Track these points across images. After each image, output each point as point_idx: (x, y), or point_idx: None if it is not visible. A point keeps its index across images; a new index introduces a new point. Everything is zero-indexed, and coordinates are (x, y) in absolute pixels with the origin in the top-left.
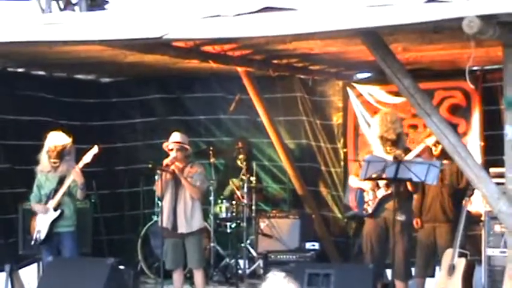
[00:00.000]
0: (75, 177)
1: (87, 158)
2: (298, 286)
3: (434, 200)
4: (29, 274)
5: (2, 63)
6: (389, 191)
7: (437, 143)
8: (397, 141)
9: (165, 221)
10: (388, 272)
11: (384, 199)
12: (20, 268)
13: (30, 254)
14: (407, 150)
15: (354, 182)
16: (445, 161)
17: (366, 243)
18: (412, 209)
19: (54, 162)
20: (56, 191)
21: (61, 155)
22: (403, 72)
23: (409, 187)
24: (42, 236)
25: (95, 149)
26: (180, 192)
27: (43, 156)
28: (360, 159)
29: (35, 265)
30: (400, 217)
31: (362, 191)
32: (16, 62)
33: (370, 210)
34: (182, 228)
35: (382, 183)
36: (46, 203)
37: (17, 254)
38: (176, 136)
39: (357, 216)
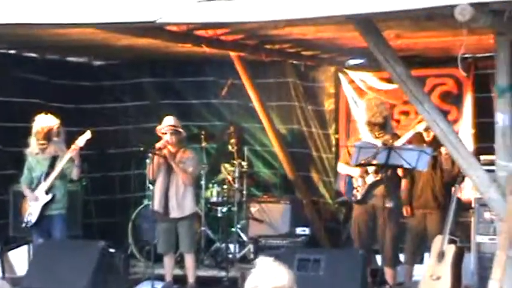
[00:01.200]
0: (73, 155)
1: (80, 142)
2: (287, 269)
3: (425, 187)
4: (19, 256)
5: None
6: (378, 177)
7: (429, 129)
8: (385, 125)
9: (157, 205)
10: (378, 258)
11: (373, 185)
12: (10, 250)
13: (21, 236)
14: (395, 136)
15: (342, 168)
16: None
17: (354, 229)
18: (400, 196)
19: (42, 144)
20: (47, 174)
21: (48, 136)
22: (395, 59)
23: (400, 172)
24: (33, 219)
25: (87, 134)
26: (172, 176)
27: (32, 139)
28: (348, 145)
29: (25, 247)
30: (389, 204)
31: (351, 177)
32: (8, 43)
33: (359, 197)
34: (174, 213)
35: (371, 169)
36: (37, 186)
37: (7, 236)
38: (170, 120)
39: (347, 202)
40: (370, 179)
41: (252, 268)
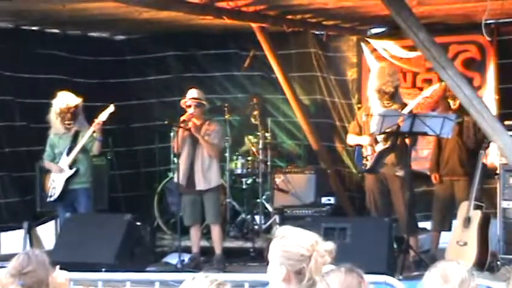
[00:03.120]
0: (96, 129)
1: (103, 116)
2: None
3: (452, 154)
4: (47, 231)
5: (15, 21)
6: (387, 145)
7: (455, 97)
8: (394, 95)
9: (181, 178)
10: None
11: (382, 153)
12: (38, 225)
13: (48, 212)
14: (404, 105)
15: (351, 139)
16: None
17: (369, 198)
18: (410, 163)
19: (69, 124)
20: (70, 148)
21: (74, 115)
22: (418, 25)
23: (407, 140)
24: (57, 193)
25: (111, 108)
26: (197, 149)
27: (54, 119)
28: (357, 117)
29: (52, 222)
30: (399, 172)
31: (360, 147)
32: (29, 20)
33: (368, 165)
34: (200, 185)
35: (380, 137)
36: (59, 161)
37: (34, 212)
38: (193, 92)
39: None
40: (380, 147)
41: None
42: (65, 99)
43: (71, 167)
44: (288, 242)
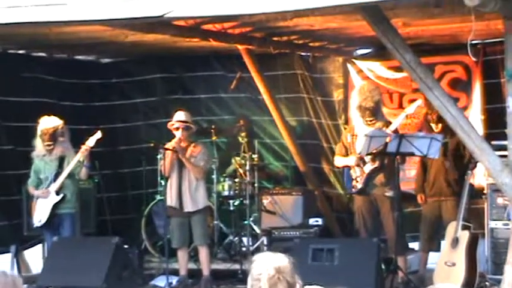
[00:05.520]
0: (83, 155)
1: (91, 142)
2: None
3: (438, 174)
4: (34, 255)
5: (2, 44)
6: (375, 165)
7: (438, 121)
8: (375, 111)
9: (172, 200)
10: None
11: (371, 173)
12: (25, 249)
13: (35, 236)
14: (388, 123)
15: (338, 161)
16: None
17: (358, 219)
18: (399, 183)
19: (48, 145)
20: (57, 174)
21: (53, 136)
22: (404, 46)
23: (398, 159)
24: (44, 219)
25: (98, 134)
26: (183, 171)
27: (37, 141)
28: (343, 138)
29: (39, 246)
30: (388, 193)
31: (349, 168)
32: (16, 44)
33: (359, 187)
34: (188, 207)
35: (368, 157)
36: (48, 187)
37: (21, 235)
38: (181, 115)
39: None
40: (368, 167)
41: (253, 263)
42: (44, 122)
43: (57, 193)
44: (253, 264)
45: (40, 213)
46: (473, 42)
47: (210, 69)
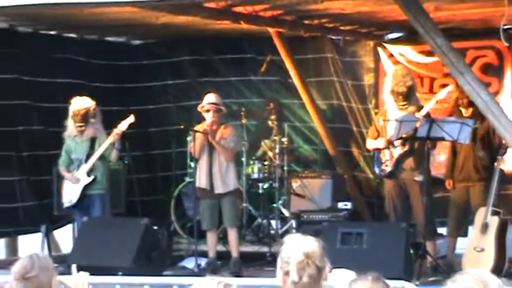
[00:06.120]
0: (115, 138)
1: (123, 126)
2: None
3: (466, 160)
4: (64, 235)
5: (34, 25)
6: (405, 149)
7: (468, 106)
8: (408, 95)
9: (204, 182)
10: None
11: (401, 158)
12: (55, 229)
13: (65, 215)
14: (420, 108)
15: (369, 144)
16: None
17: (388, 203)
18: (429, 167)
19: (80, 126)
20: (88, 156)
21: (85, 118)
22: (436, 31)
23: (428, 144)
24: (74, 200)
25: (131, 118)
26: (214, 153)
27: (69, 122)
28: (375, 122)
29: (69, 226)
30: (418, 177)
31: (379, 152)
32: (47, 24)
33: (388, 170)
34: (219, 189)
35: (398, 142)
36: (79, 168)
37: (51, 215)
38: (211, 97)
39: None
40: (398, 151)
41: (283, 244)
42: (76, 103)
43: (88, 174)
44: (283, 246)
45: (70, 194)
46: (506, 27)
47: (241, 52)
